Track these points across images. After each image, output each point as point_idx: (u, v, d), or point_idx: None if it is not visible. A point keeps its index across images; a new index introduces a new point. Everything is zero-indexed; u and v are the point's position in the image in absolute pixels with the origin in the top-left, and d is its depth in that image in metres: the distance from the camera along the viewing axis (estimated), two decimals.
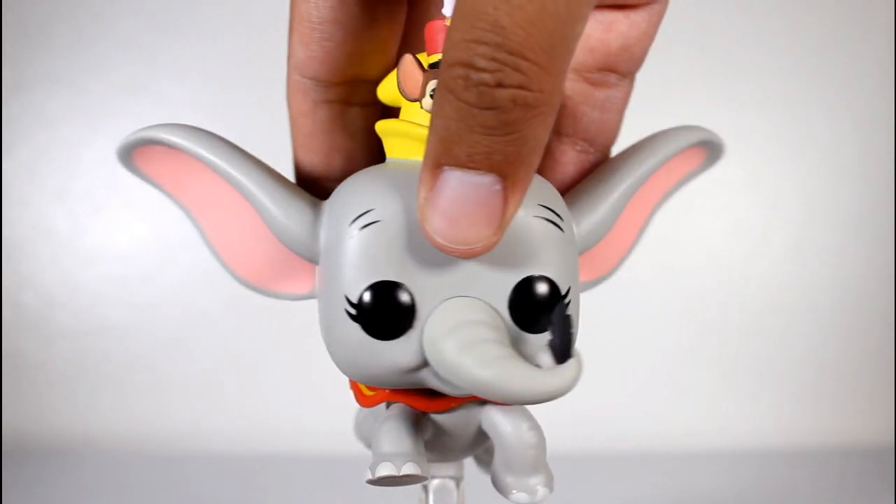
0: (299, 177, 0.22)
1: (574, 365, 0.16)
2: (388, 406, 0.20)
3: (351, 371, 0.19)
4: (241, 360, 0.64)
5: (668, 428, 0.62)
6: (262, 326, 0.63)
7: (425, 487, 0.23)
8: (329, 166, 0.21)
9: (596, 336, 0.64)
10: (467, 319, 0.17)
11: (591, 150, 0.22)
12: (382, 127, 0.19)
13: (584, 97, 0.21)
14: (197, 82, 0.65)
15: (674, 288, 0.65)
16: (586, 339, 0.66)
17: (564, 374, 0.16)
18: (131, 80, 0.65)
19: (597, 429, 0.61)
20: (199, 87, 0.65)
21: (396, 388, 0.20)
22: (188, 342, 0.64)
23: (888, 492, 0.50)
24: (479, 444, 0.21)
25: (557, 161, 0.22)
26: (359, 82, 0.21)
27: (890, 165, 0.65)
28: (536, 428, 0.20)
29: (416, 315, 0.18)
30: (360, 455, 0.25)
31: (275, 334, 0.61)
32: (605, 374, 0.64)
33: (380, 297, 0.17)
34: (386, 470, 0.18)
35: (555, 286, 0.18)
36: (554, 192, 0.19)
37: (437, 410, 0.20)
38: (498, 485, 0.20)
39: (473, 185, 0.15)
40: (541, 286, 0.18)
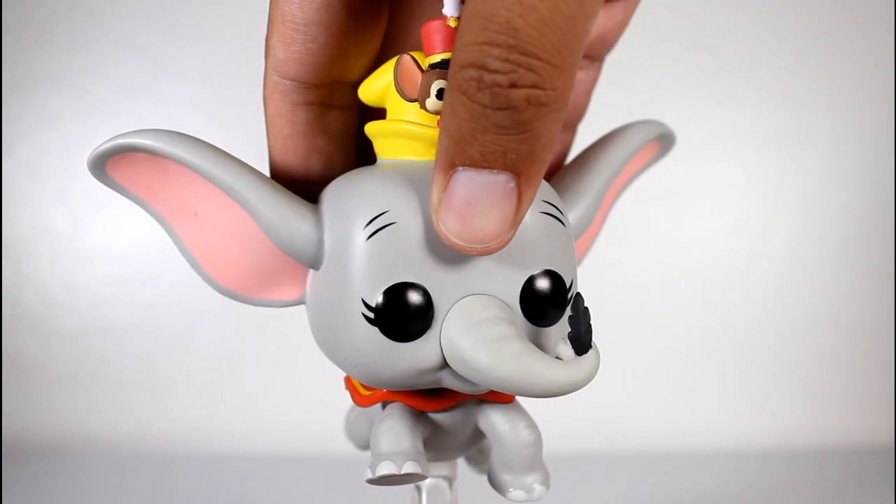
0: (276, 180, 0.21)
1: (593, 356, 0.17)
2: (385, 406, 0.20)
3: (365, 374, 0.19)
4: (240, 360, 0.64)
5: (668, 428, 0.62)
6: (261, 327, 0.63)
7: (418, 487, 0.23)
8: (307, 169, 0.21)
9: (596, 336, 0.64)
10: (484, 317, 0.17)
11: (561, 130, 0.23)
12: (374, 128, 0.19)
13: None
14: (197, 82, 0.65)
15: (673, 288, 0.65)
16: None
17: (584, 366, 0.17)
18: (131, 80, 0.65)
19: (597, 429, 0.61)
20: (199, 87, 0.65)
21: (395, 389, 0.20)
22: (188, 342, 0.64)
23: (888, 492, 0.50)
24: (475, 444, 0.21)
25: None
26: (339, 84, 0.20)
27: (890, 165, 0.65)
28: (533, 427, 0.20)
29: (435, 316, 0.18)
30: (358, 455, 0.25)
31: (274, 335, 0.61)
32: (604, 374, 0.64)
33: (398, 299, 0.17)
34: (386, 469, 0.18)
35: (561, 280, 0.19)
36: (549, 187, 0.19)
37: (434, 409, 0.20)
38: (495, 483, 0.20)
39: (488, 184, 0.15)
40: (549, 281, 0.18)
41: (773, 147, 0.66)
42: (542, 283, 0.18)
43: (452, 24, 0.17)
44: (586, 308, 0.17)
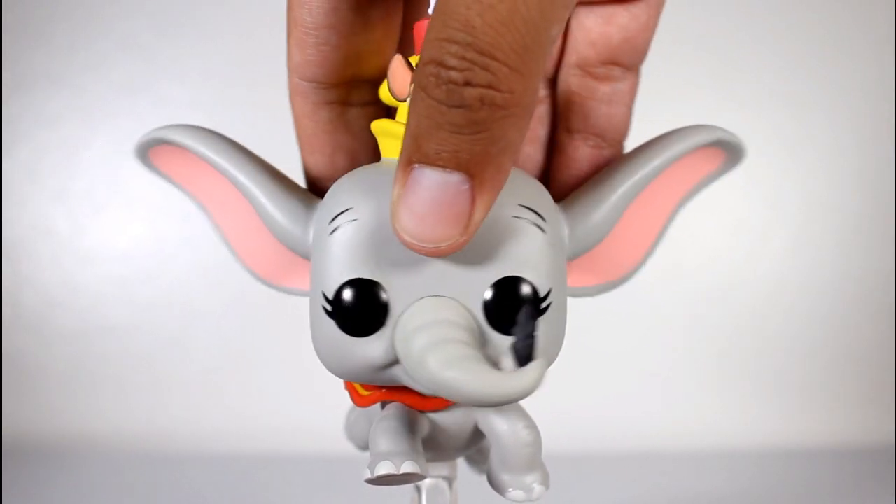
0: (308, 177, 0.22)
1: (534, 369, 0.16)
2: (384, 406, 0.20)
3: (329, 366, 0.19)
4: (240, 360, 0.64)
5: (668, 428, 0.62)
6: (261, 326, 0.63)
7: (418, 487, 0.23)
8: (333, 166, 0.22)
9: (595, 336, 0.64)
10: (436, 319, 0.17)
11: (604, 145, 0.22)
12: (376, 127, 0.20)
13: (590, 92, 0.22)
14: (197, 82, 0.65)
15: (673, 288, 0.65)
16: (586, 338, 0.65)
17: (523, 378, 0.16)
18: (131, 80, 0.65)
19: (596, 429, 0.61)
20: (199, 87, 0.65)
21: (392, 388, 0.20)
22: (188, 342, 0.65)
23: (888, 492, 0.50)
24: (475, 444, 0.21)
25: (571, 158, 0.22)
26: (357, 83, 0.21)
27: (890, 165, 0.65)
28: (532, 426, 0.20)
29: (390, 313, 0.18)
30: (358, 455, 0.25)
31: (274, 334, 0.61)
32: (604, 373, 0.64)
33: (353, 294, 0.18)
34: (385, 469, 0.18)
35: (531, 288, 0.18)
36: (538, 192, 0.19)
37: (433, 409, 0.20)
38: (494, 483, 0.20)
39: (442, 184, 0.15)
40: (516, 287, 0.18)
41: (773, 147, 0.66)
42: (509, 290, 0.18)
43: None
44: (533, 319, 0.16)
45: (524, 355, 0.16)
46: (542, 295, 0.18)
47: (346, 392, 0.22)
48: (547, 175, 0.23)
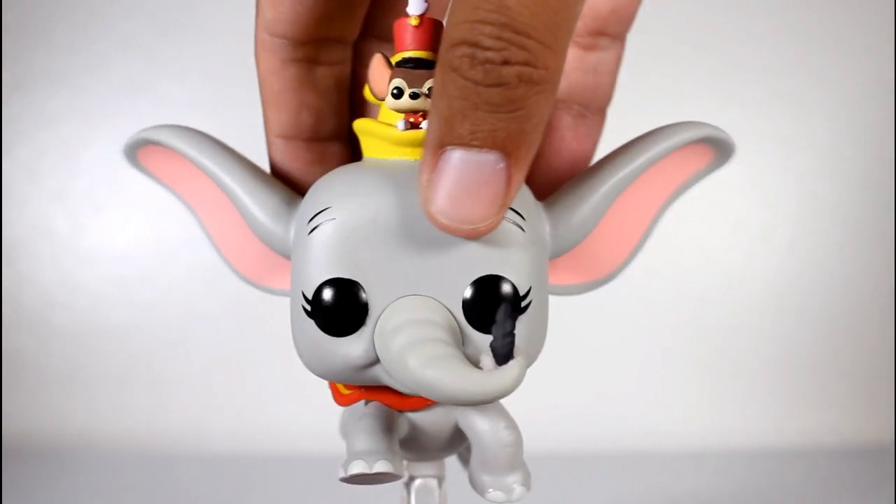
0: (271, 135, 0.22)
1: (513, 367, 0.16)
2: (367, 404, 0.20)
3: (310, 366, 0.19)
4: (240, 360, 0.64)
5: (666, 427, 0.62)
6: (261, 326, 0.63)
7: (407, 486, 0.23)
8: (298, 124, 0.22)
9: (593, 335, 0.64)
10: (415, 318, 0.17)
11: (587, 114, 0.22)
12: (357, 126, 0.20)
13: (577, 61, 0.22)
14: (197, 82, 0.65)
15: (672, 287, 0.65)
16: (583, 337, 0.65)
17: (502, 377, 0.16)
18: (131, 79, 0.65)
19: (593, 428, 0.61)
20: (199, 87, 0.65)
21: (372, 387, 0.20)
22: (188, 342, 0.64)
23: (888, 492, 0.50)
24: (458, 444, 0.21)
25: (554, 127, 0.22)
26: (327, 41, 0.21)
27: (890, 165, 0.65)
28: (513, 427, 0.20)
29: (369, 312, 0.18)
30: None
31: (274, 335, 0.61)
32: (601, 372, 0.64)
33: (332, 294, 0.18)
34: (358, 468, 0.18)
35: (511, 286, 0.18)
36: (521, 190, 0.19)
37: (412, 408, 0.20)
38: (475, 484, 0.20)
39: (477, 164, 0.15)
40: (496, 286, 0.18)
41: (772, 147, 0.66)
42: (488, 289, 0.18)
43: (414, 22, 0.18)
44: (511, 317, 0.16)
45: (503, 354, 0.16)
46: (521, 293, 0.18)
47: (329, 391, 0.22)
48: None
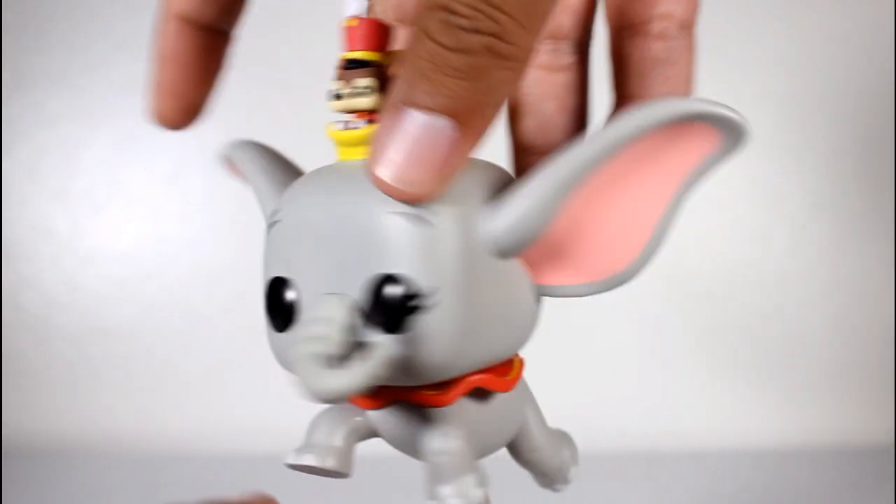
0: (168, 13, 0.24)
1: (351, 370, 0.16)
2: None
3: (277, 360, 0.20)
4: (240, 360, 0.64)
5: (667, 427, 0.62)
6: (261, 326, 0.63)
7: None
8: (201, 8, 0.23)
9: (593, 335, 0.64)
10: (315, 317, 0.17)
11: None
12: (327, 130, 0.20)
13: (643, 52, 0.21)
14: None
15: (673, 287, 0.65)
16: (585, 338, 0.65)
17: (333, 379, 0.16)
18: (131, 79, 0.65)
19: (594, 428, 0.61)
20: None
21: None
22: (188, 342, 0.64)
23: (888, 492, 0.50)
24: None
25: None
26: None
27: (890, 165, 0.65)
28: (450, 435, 0.19)
29: (301, 310, 0.18)
30: (362, 455, 0.25)
31: None
32: (603, 373, 0.64)
33: (271, 292, 0.19)
34: (308, 460, 0.19)
35: (406, 285, 0.17)
36: None
37: (367, 407, 0.20)
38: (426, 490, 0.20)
39: (428, 128, 0.15)
40: (382, 285, 0.17)
41: (773, 147, 0.66)
42: (377, 287, 0.18)
43: (352, 23, 0.18)
44: (397, 318, 0.17)
45: (373, 353, 0.17)
46: (420, 293, 0.18)
47: None
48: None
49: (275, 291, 0.19)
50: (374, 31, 0.18)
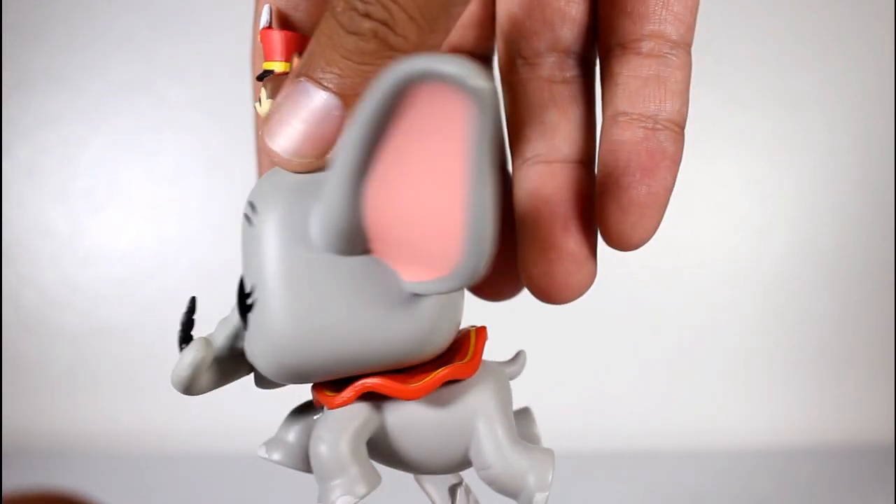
0: None
1: (177, 363, 0.19)
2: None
3: None
4: None
5: (667, 427, 0.62)
6: None
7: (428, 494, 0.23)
8: None
9: (595, 335, 0.64)
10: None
11: (659, 128, 0.20)
12: None
13: (633, 69, 0.21)
14: (197, 82, 0.65)
15: (673, 287, 0.65)
16: (585, 337, 0.65)
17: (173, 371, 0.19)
18: (131, 79, 0.65)
19: (594, 427, 0.61)
20: (199, 87, 0.65)
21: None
22: None
23: (888, 491, 0.50)
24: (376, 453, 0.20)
25: (620, 141, 0.20)
26: None
27: (890, 165, 0.65)
28: (319, 437, 0.19)
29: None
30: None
31: None
32: (603, 373, 0.64)
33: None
34: (259, 451, 0.22)
35: (243, 283, 0.19)
36: (269, 178, 0.18)
37: (316, 405, 0.21)
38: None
39: (318, 103, 0.16)
40: (240, 283, 0.19)
41: (773, 147, 0.66)
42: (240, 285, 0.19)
43: (261, 35, 0.19)
44: (188, 311, 0.19)
45: (178, 342, 0.20)
46: (246, 290, 0.19)
47: None
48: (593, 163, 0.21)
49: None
50: (280, 42, 0.19)
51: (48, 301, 0.65)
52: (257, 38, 0.20)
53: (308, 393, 0.21)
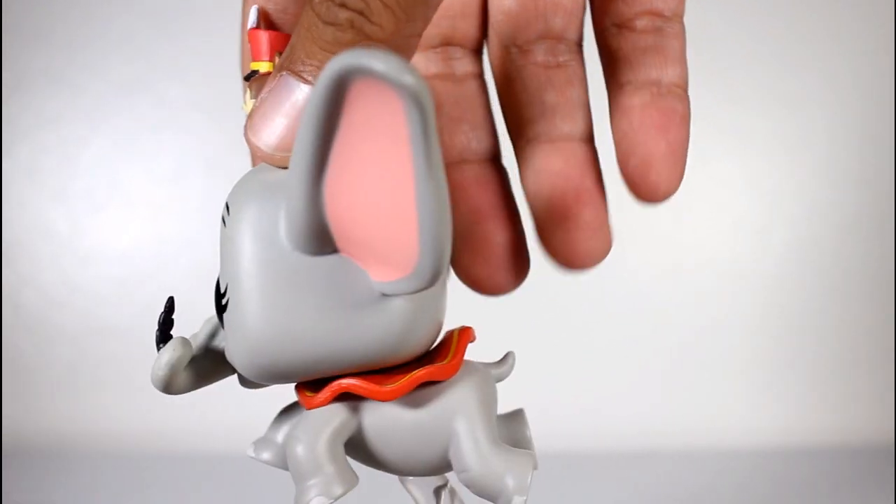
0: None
1: (155, 363, 0.21)
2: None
3: None
4: None
5: (667, 427, 0.62)
6: None
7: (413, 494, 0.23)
8: None
9: (594, 335, 0.64)
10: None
11: (664, 92, 0.21)
12: None
13: (632, 44, 0.21)
14: (197, 82, 0.65)
15: (673, 287, 0.65)
16: (585, 337, 0.65)
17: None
18: (131, 79, 0.65)
19: (594, 427, 0.61)
20: (199, 87, 0.65)
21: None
22: None
23: (888, 491, 0.50)
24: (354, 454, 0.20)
25: (628, 107, 0.21)
26: None
27: (890, 165, 0.65)
28: (295, 438, 0.19)
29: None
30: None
31: None
32: (603, 372, 0.64)
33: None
34: (248, 451, 0.23)
35: (218, 283, 0.19)
36: (247, 179, 0.19)
37: (305, 405, 0.21)
38: None
39: (297, 95, 0.16)
40: (217, 283, 0.19)
41: (772, 147, 0.66)
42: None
43: (249, 37, 0.19)
44: (165, 311, 0.20)
45: (155, 343, 0.21)
46: (221, 291, 0.19)
47: None
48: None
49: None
50: (267, 42, 0.19)
51: (48, 301, 0.65)
52: (245, 39, 0.20)
53: None
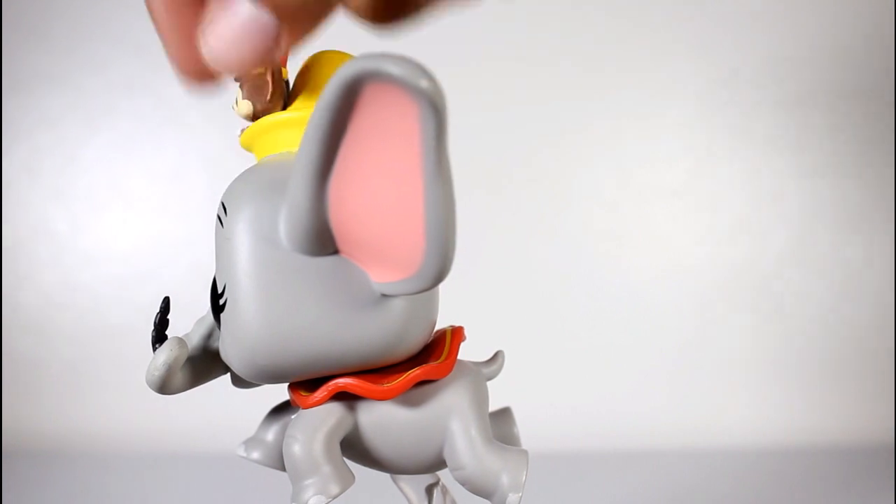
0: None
1: (151, 363, 0.20)
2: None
3: None
4: None
5: (668, 426, 0.62)
6: None
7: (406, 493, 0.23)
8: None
9: (594, 335, 0.64)
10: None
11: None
12: (246, 137, 0.20)
13: None
14: None
15: (673, 287, 0.65)
16: (586, 337, 0.65)
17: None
18: (131, 79, 0.65)
19: (595, 427, 0.61)
20: None
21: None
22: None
23: (888, 491, 0.50)
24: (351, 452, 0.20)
25: None
26: None
27: (890, 165, 0.65)
28: (292, 437, 0.19)
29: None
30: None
31: None
32: (603, 372, 0.64)
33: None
34: (238, 451, 0.25)
35: (215, 284, 0.19)
36: (243, 179, 0.19)
37: (297, 405, 0.21)
38: None
39: (251, 17, 0.16)
40: (213, 283, 0.19)
41: (773, 147, 0.66)
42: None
43: None
44: (161, 311, 0.20)
45: (151, 343, 0.21)
46: (218, 291, 0.19)
47: None
48: None
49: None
50: None
51: (48, 301, 0.65)
52: None
53: None
